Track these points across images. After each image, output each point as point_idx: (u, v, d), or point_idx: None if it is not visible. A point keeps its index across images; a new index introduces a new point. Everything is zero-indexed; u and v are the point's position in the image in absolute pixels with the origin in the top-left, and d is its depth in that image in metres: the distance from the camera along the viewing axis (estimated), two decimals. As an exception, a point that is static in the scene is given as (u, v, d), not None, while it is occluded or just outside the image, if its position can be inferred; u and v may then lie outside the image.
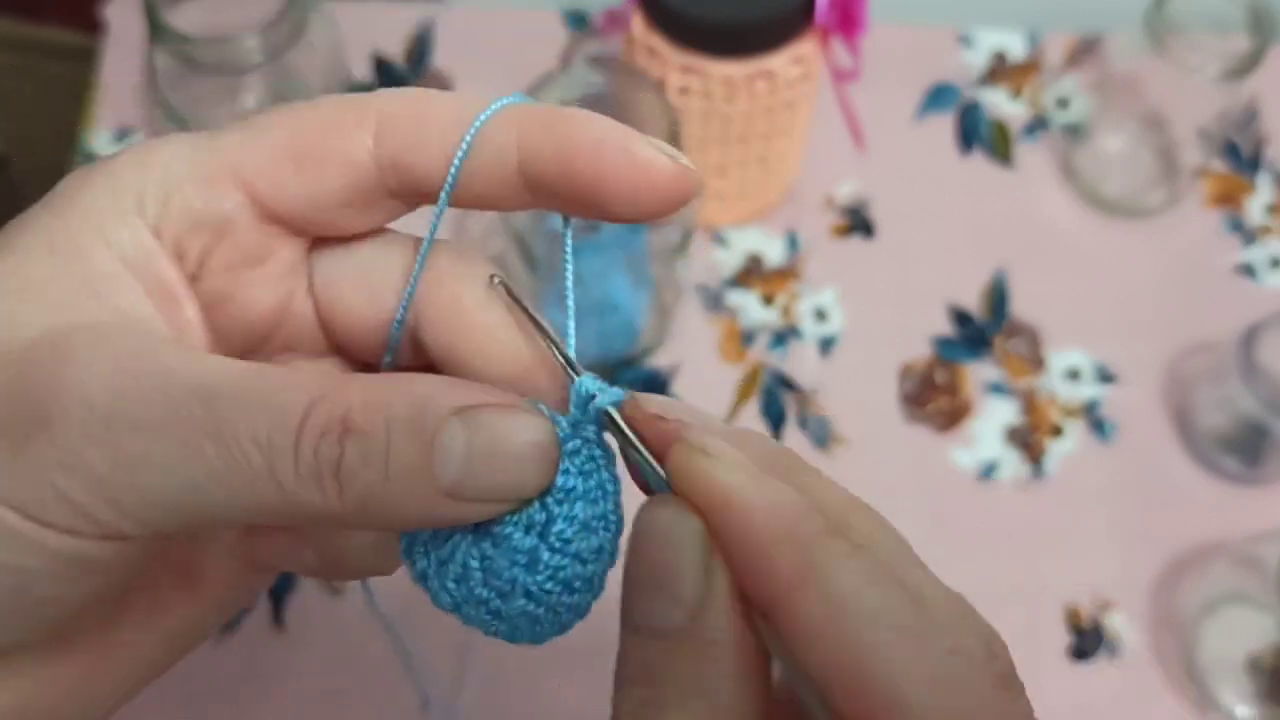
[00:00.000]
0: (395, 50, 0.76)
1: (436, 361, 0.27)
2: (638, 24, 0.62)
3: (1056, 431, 0.67)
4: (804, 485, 0.25)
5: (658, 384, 0.67)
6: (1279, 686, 0.59)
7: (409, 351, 0.28)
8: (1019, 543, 0.64)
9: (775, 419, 0.66)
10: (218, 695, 0.58)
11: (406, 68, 0.76)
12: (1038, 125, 0.76)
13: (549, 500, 0.25)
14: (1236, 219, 0.73)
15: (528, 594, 0.25)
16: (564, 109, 0.26)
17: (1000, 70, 0.78)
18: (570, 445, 0.25)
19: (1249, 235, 0.73)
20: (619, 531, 0.26)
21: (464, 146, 0.25)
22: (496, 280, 0.27)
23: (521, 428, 0.24)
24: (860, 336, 0.69)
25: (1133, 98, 0.71)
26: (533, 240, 0.59)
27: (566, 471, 0.25)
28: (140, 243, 0.25)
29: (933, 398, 0.67)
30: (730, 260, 0.70)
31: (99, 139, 0.73)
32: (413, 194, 0.26)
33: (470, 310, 0.27)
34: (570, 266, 0.28)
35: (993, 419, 0.67)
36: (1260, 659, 0.59)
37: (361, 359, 0.29)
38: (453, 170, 0.26)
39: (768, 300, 0.69)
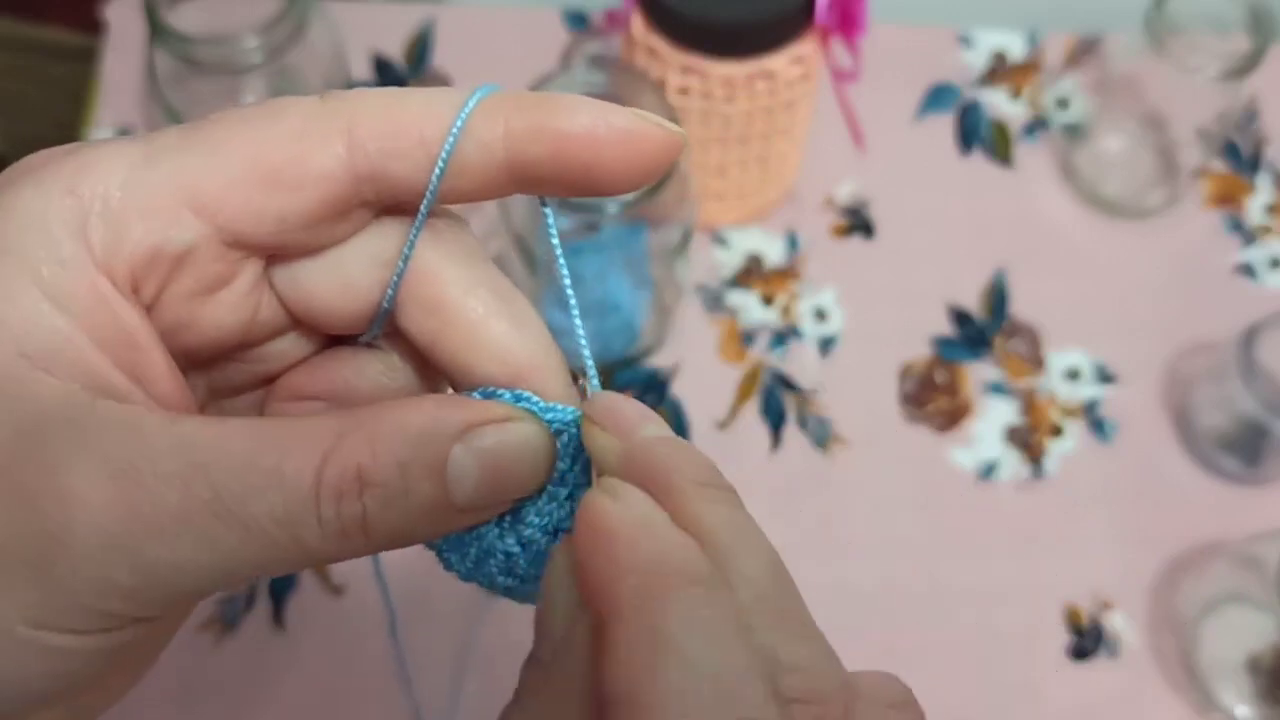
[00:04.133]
0: (395, 50, 0.76)
1: (420, 348, 0.27)
2: (638, 24, 0.62)
3: (1056, 431, 0.67)
4: (699, 513, 0.24)
5: (658, 384, 0.67)
6: (1279, 686, 0.59)
7: (385, 326, 0.28)
8: (1019, 543, 0.64)
9: (775, 419, 0.66)
10: (218, 695, 0.58)
11: (406, 68, 0.76)
12: (1038, 125, 0.76)
13: (572, 505, 0.26)
14: (1236, 219, 0.73)
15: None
16: (544, 94, 0.25)
17: (1000, 70, 0.78)
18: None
19: (1249, 235, 0.73)
20: None
21: (446, 148, 0.24)
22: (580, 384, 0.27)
23: (518, 439, 0.25)
24: (860, 336, 0.69)
25: (1133, 98, 0.71)
26: (533, 240, 0.59)
27: (589, 484, 0.27)
28: (86, 290, 0.23)
29: (933, 398, 0.67)
30: (730, 260, 0.71)
31: (99, 139, 0.73)
32: (390, 201, 0.25)
33: (454, 307, 0.26)
34: (558, 243, 0.28)
35: (992, 419, 0.67)
36: (1260, 659, 0.59)
37: (330, 334, 0.29)
38: (436, 173, 0.25)
39: (768, 300, 0.69)
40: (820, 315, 0.69)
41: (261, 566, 0.23)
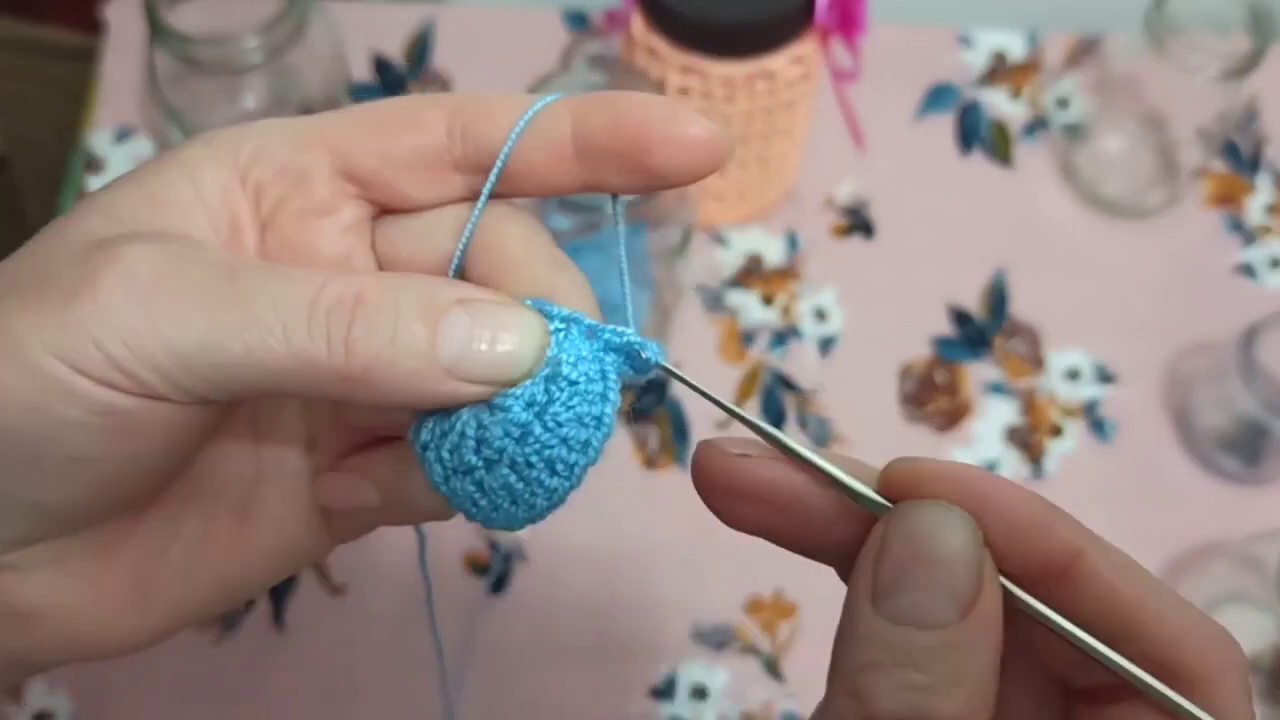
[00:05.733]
0: (395, 50, 0.76)
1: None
2: (638, 24, 0.62)
3: (1056, 431, 0.67)
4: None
5: (658, 384, 0.67)
6: (1279, 686, 0.59)
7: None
8: (1019, 543, 0.64)
9: (775, 419, 0.66)
10: (218, 695, 0.58)
11: (406, 68, 0.76)
12: (1038, 125, 0.76)
13: (552, 386, 0.27)
14: (1236, 219, 0.74)
15: (513, 464, 0.28)
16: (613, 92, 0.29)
17: (1000, 70, 0.78)
18: (585, 352, 0.28)
19: (1249, 235, 0.73)
20: (607, 436, 0.29)
21: (525, 116, 0.28)
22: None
23: (516, 318, 0.27)
24: (860, 336, 0.69)
25: (1133, 98, 0.71)
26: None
27: (574, 365, 0.28)
28: (222, 182, 0.29)
29: (933, 398, 0.67)
30: (730, 260, 0.71)
31: (99, 139, 0.73)
32: (475, 165, 0.29)
33: (512, 247, 0.29)
34: (623, 243, 0.30)
35: (993, 419, 0.67)
36: (1260, 659, 0.59)
37: None
38: (515, 131, 0.28)
39: (768, 300, 0.69)
40: (820, 315, 0.69)
41: (248, 351, 0.25)
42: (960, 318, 0.70)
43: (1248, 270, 0.72)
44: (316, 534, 0.31)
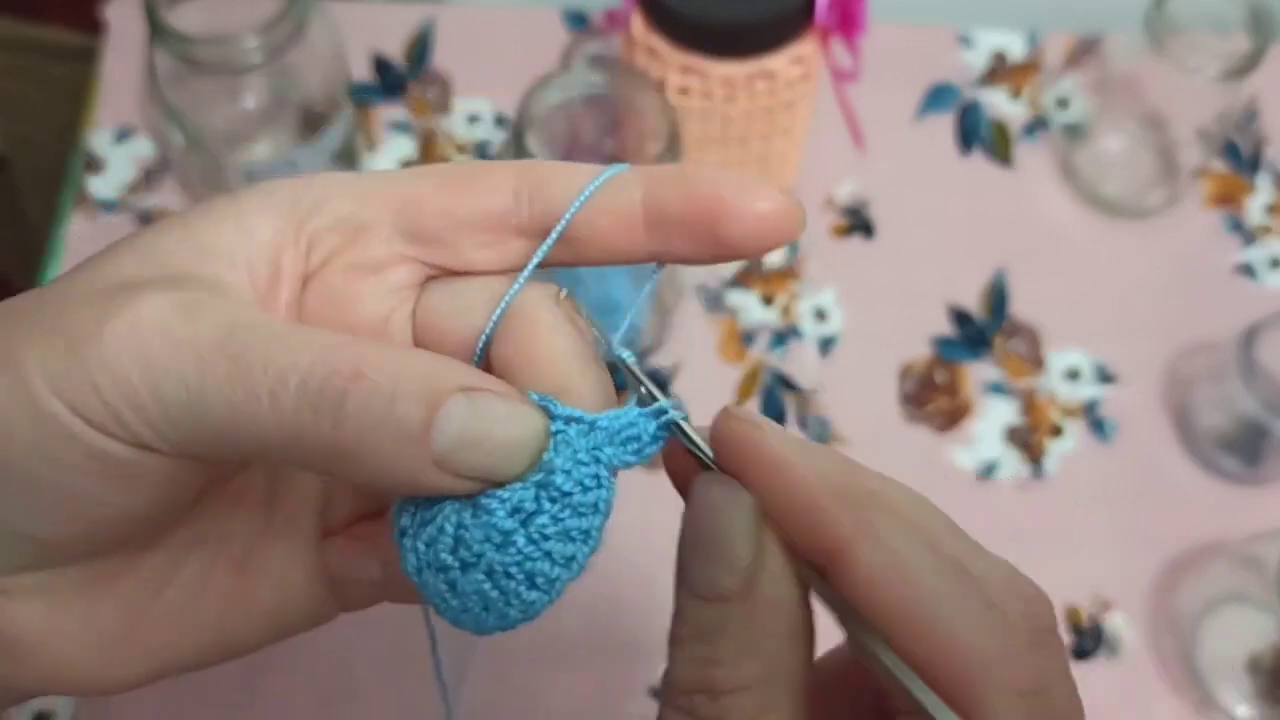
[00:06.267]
0: (395, 50, 0.76)
1: (500, 374, 0.29)
2: (638, 24, 0.62)
3: (1056, 431, 0.67)
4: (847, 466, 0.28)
5: (657, 384, 0.67)
6: (1279, 686, 0.59)
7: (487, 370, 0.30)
8: (1019, 543, 0.64)
9: (775, 419, 0.66)
10: (217, 696, 0.58)
11: (406, 68, 0.76)
12: (1038, 125, 0.76)
13: (541, 494, 0.26)
14: (1236, 219, 0.74)
15: (490, 571, 0.26)
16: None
17: (1000, 70, 0.78)
18: (582, 456, 0.27)
19: (1249, 235, 0.73)
20: (594, 550, 0.28)
21: (596, 182, 0.28)
22: (564, 294, 0.29)
23: (517, 416, 0.26)
24: (860, 336, 0.69)
25: (1133, 98, 0.71)
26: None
27: (568, 474, 0.26)
28: (273, 230, 0.28)
29: (933, 398, 0.67)
30: (730, 260, 0.70)
31: (99, 139, 0.73)
32: (540, 229, 0.29)
33: (540, 337, 0.28)
34: (642, 305, 0.30)
35: (992, 419, 0.67)
36: (1260, 659, 0.59)
37: None
38: (583, 195, 0.28)
39: (768, 300, 0.70)
40: (820, 315, 0.69)
41: (234, 411, 0.25)
42: (960, 318, 0.70)
43: (1248, 270, 0.72)
44: (320, 600, 0.31)
